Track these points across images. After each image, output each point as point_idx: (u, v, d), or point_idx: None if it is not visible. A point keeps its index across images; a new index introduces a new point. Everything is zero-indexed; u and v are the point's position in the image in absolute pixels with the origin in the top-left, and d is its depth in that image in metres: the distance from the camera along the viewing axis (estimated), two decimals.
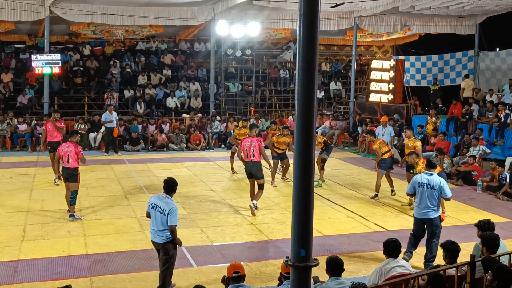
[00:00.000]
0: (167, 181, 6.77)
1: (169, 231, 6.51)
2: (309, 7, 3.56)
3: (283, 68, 24.59)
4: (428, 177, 7.98)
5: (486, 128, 16.37)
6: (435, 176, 8.05)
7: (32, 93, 20.27)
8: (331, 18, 20.59)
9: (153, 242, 6.73)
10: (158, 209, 6.57)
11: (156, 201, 6.65)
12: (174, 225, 6.49)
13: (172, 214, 6.47)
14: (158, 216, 6.54)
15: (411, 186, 8.13)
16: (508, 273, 4.60)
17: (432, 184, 7.86)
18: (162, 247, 6.58)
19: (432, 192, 7.84)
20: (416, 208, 8.01)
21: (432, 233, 7.84)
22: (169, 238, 6.56)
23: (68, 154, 10.00)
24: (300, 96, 3.66)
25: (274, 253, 8.41)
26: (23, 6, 17.63)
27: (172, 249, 6.60)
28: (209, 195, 12.13)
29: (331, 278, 5.36)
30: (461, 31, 21.57)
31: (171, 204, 6.56)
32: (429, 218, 7.84)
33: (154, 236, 6.65)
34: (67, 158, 10.00)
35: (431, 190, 7.84)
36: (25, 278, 7.28)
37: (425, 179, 7.97)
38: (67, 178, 10.13)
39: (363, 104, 21.96)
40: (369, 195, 12.24)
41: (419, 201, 7.94)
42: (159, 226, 6.54)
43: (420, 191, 7.90)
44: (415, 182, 8.03)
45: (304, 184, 3.73)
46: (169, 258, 6.57)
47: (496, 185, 12.71)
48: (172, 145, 18.32)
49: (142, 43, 24.26)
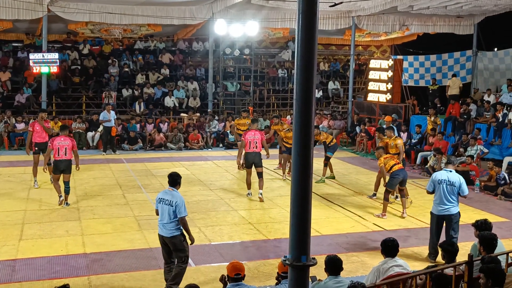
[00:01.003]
0: (171, 175, 6.91)
1: (176, 224, 6.59)
2: (307, 7, 3.56)
3: (281, 68, 24.59)
4: (448, 174, 8.07)
5: (484, 128, 16.39)
6: (454, 173, 8.14)
7: (30, 92, 20.24)
8: (329, 18, 20.60)
9: (160, 236, 6.77)
10: (164, 202, 6.66)
11: (163, 196, 6.75)
12: (183, 216, 6.60)
13: (179, 206, 6.56)
14: (166, 209, 6.62)
15: (431, 183, 8.14)
16: (497, 271, 4.66)
17: (452, 181, 7.97)
18: (169, 240, 6.64)
19: (452, 188, 7.95)
20: (436, 205, 8.03)
21: (453, 229, 7.94)
22: (177, 231, 6.61)
23: (65, 147, 10.53)
24: (298, 95, 3.65)
25: (272, 253, 8.41)
26: (21, 4, 17.59)
27: (180, 242, 6.64)
28: (207, 194, 12.13)
29: (329, 277, 5.36)
30: (459, 31, 21.60)
31: (177, 195, 6.66)
32: (450, 214, 7.95)
33: (161, 229, 6.72)
34: (64, 150, 10.53)
35: (452, 186, 7.95)
36: (23, 277, 7.27)
37: (445, 176, 8.06)
38: (63, 170, 10.60)
39: (361, 104, 21.98)
40: (367, 194, 12.26)
41: (439, 198, 7.99)
42: (167, 218, 6.61)
43: (441, 188, 7.97)
44: (435, 180, 8.07)
45: (302, 184, 3.73)
46: (180, 248, 6.62)
47: (494, 185, 12.73)
48: (170, 144, 18.31)
49: (141, 42, 24.24)
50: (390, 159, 10.66)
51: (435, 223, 8.11)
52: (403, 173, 10.42)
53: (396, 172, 10.34)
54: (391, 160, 10.58)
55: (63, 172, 10.59)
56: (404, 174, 10.43)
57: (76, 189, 12.24)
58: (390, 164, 10.51)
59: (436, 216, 8.08)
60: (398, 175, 10.31)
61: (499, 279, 4.64)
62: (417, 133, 17.09)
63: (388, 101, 20.73)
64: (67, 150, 10.51)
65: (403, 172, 10.47)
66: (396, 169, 10.39)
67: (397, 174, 10.31)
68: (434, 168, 14.58)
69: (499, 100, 17.71)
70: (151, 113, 20.44)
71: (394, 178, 10.34)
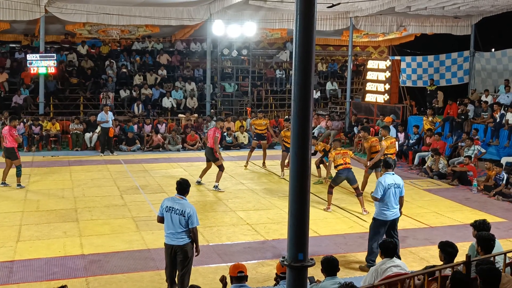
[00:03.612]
0: (180, 183, 6.64)
1: (186, 233, 6.38)
2: (305, 7, 3.57)
3: (279, 68, 24.61)
4: (393, 177, 7.86)
5: (481, 128, 16.42)
6: (396, 175, 7.98)
7: (27, 93, 20.20)
8: (327, 19, 20.62)
9: (169, 245, 6.47)
10: (174, 211, 6.38)
11: (171, 204, 6.46)
12: (196, 226, 6.42)
13: (192, 217, 6.36)
14: (176, 219, 6.36)
15: (379, 189, 7.67)
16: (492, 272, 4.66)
17: (398, 183, 7.83)
18: (181, 249, 6.40)
19: (399, 191, 7.82)
20: (386, 210, 7.68)
21: (395, 230, 7.85)
22: (188, 239, 6.42)
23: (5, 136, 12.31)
24: (296, 96, 3.66)
25: (270, 253, 8.41)
26: (18, 5, 17.56)
27: (191, 249, 6.48)
28: (205, 195, 12.13)
29: (326, 278, 5.37)
30: (456, 32, 21.64)
31: (188, 205, 6.45)
32: (397, 216, 7.86)
33: (171, 239, 6.42)
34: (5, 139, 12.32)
35: (398, 189, 7.81)
36: (21, 278, 7.25)
37: (391, 179, 7.80)
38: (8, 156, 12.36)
39: (359, 105, 22.00)
40: (365, 194, 12.24)
41: (389, 203, 7.67)
42: (177, 228, 6.36)
43: (391, 192, 7.70)
44: (385, 184, 7.71)
45: (300, 184, 3.73)
46: (189, 260, 6.47)
47: (492, 185, 12.74)
48: (168, 145, 18.29)
49: (138, 43, 24.22)
50: (341, 156, 10.99)
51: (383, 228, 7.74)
52: (347, 173, 10.88)
53: (340, 170, 10.92)
54: (340, 159, 10.96)
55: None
56: (347, 173, 10.88)
57: (74, 190, 12.23)
58: (338, 162, 10.96)
59: (388, 222, 7.71)
60: (341, 174, 10.92)
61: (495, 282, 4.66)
62: (415, 133, 17.11)
63: (385, 102, 20.76)
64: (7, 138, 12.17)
65: (347, 171, 10.89)
66: (341, 168, 10.90)
67: (341, 173, 10.92)
68: (432, 168, 14.62)
69: (497, 100, 17.73)
70: (149, 114, 20.43)
71: (338, 177, 11.00)
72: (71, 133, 18.19)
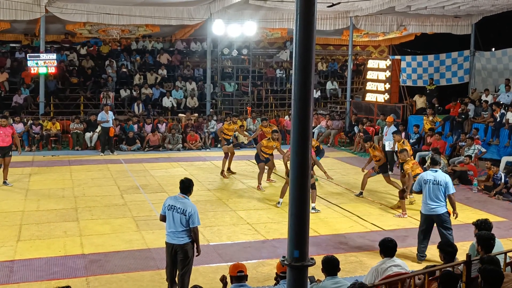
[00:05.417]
0: (183, 182, 6.64)
1: (187, 232, 6.39)
2: (305, 7, 3.57)
3: (279, 68, 24.59)
4: (433, 174, 8.13)
5: (481, 128, 16.41)
6: (440, 172, 8.19)
7: (27, 93, 20.19)
8: (327, 18, 20.61)
9: (170, 244, 6.49)
10: (176, 210, 6.40)
11: (173, 203, 6.47)
12: (197, 226, 6.41)
13: (193, 217, 6.35)
14: (177, 217, 6.37)
15: (417, 184, 8.29)
16: (495, 273, 4.66)
17: (438, 180, 8.03)
18: (181, 248, 6.41)
19: (438, 188, 7.99)
20: (424, 205, 8.13)
21: (444, 228, 7.97)
22: (189, 239, 6.43)
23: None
24: (296, 95, 3.66)
25: (271, 253, 8.41)
26: (18, 5, 17.56)
27: (191, 249, 6.47)
28: (205, 194, 12.12)
29: (327, 278, 5.37)
30: (457, 31, 21.63)
31: (190, 204, 6.45)
32: (437, 214, 8.00)
33: (172, 238, 6.43)
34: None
35: (438, 186, 7.99)
36: (21, 278, 7.26)
37: (430, 175, 8.12)
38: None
39: (359, 104, 21.99)
40: (365, 194, 12.26)
41: (425, 198, 8.08)
42: (178, 227, 6.37)
43: (427, 188, 8.04)
44: (421, 179, 8.20)
45: (300, 184, 3.73)
46: (189, 260, 6.47)
47: (491, 185, 12.75)
48: (168, 144, 18.30)
49: (138, 43, 24.21)
50: (417, 166, 10.77)
51: (424, 222, 8.19)
52: None
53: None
54: (417, 169, 10.60)
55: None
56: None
57: (74, 189, 12.24)
58: (416, 172, 10.37)
59: (424, 216, 8.17)
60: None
61: (497, 283, 4.65)
62: (415, 133, 17.11)
63: (386, 101, 20.76)
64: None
65: None
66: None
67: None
68: None
69: (497, 100, 17.73)
70: (149, 113, 20.42)
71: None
72: (71, 133, 18.19)
